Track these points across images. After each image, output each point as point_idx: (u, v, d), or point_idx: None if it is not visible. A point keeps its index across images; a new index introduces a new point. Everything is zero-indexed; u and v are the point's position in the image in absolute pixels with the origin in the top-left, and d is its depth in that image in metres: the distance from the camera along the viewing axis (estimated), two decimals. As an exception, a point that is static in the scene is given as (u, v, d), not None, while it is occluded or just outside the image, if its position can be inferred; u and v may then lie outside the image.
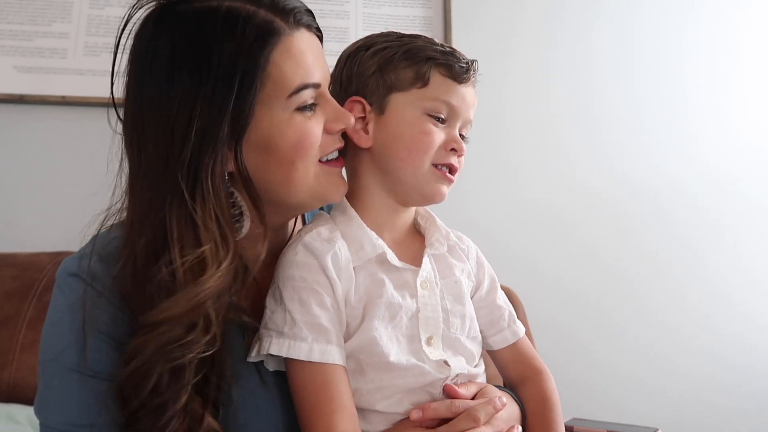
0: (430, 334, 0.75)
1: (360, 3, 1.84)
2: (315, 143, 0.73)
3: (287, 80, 0.70)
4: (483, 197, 1.79)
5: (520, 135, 1.85)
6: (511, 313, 0.87)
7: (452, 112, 0.78)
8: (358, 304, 0.74)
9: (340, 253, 0.74)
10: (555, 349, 1.58)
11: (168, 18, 0.70)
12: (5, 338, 1.30)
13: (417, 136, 0.77)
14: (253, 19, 0.68)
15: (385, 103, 0.78)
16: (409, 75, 0.77)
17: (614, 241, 1.85)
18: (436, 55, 0.78)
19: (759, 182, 1.95)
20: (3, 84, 1.65)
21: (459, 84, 0.78)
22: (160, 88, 0.68)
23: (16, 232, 1.57)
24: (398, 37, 0.82)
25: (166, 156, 0.67)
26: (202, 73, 0.66)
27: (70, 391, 0.68)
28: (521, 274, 1.61)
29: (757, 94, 1.99)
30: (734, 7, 2.00)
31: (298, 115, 0.71)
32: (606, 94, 1.91)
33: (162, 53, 0.68)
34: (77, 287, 0.70)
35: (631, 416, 1.35)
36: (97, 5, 1.72)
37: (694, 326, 1.85)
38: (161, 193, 0.67)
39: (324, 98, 0.74)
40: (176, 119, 0.66)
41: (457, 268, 0.82)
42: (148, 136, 0.68)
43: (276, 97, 0.70)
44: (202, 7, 0.69)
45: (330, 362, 0.70)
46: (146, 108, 0.69)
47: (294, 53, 0.70)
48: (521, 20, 1.90)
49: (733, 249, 1.91)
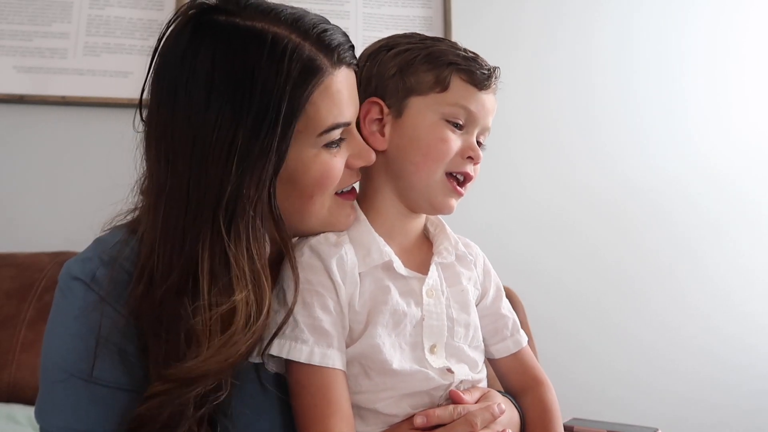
0: (434, 342, 0.75)
1: (360, 3, 1.84)
2: (336, 179, 0.73)
3: (321, 119, 0.69)
4: (483, 197, 1.78)
5: (521, 135, 1.85)
6: (515, 322, 0.87)
7: (471, 118, 0.77)
8: (362, 309, 0.73)
9: (346, 257, 0.74)
10: (555, 349, 1.58)
11: (209, 29, 0.67)
12: (5, 338, 1.30)
13: (433, 141, 0.76)
14: (300, 53, 0.67)
15: (403, 106, 0.77)
16: (430, 79, 0.76)
17: (614, 241, 1.85)
18: (458, 60, 0.77)
19: (759, 182, 1.95)
20: (3, 84, 1.64)
21: (479, 90, 0.77)
22: (197, 106, 0.65)
23: (16, 232, 1.57)
24: (421, 39, 0.80)
25: (199, 182, 0.65)
26: (244, 101, 0.65)
27: (72, 397, 0.67)
28: (521, 274, 1.61)
29: (757, 94, 1.99)
30: (734, 7, 2.00)
31: (324, 152, 0.71)
32: (606, 94, 1.91)
33: (200, 69, 0.66)
34: (80, 292, 0.69)
35: (631, 416, 1.35)
36: (97, 5, 1.72)
37: (694, 326, 1.85)
38: (196, 224, 0.65)
39: (351, 134, 0.74)
40: (215, 146, 0.65)
41: (464, 277, 0.82)
42: (179, 153, 0.66)
43: (308, 134, 0.69)
44: (246, 27, 0.67)
45: (330, 366, 0.69)
46: (179, 122, 0.66)
47: (332, 93, 0.69)
48: (521, 20, 1.90)
49: (733, 249, 1.91)
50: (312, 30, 0.69)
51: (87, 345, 0.66)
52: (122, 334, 0.68)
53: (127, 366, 0.67)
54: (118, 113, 1.61)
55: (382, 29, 1.83)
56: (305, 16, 0.70)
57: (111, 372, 0.67)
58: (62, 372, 0.68)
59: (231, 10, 0.69)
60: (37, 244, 1.49)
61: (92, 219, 0.74)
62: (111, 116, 1.61)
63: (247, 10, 0.69)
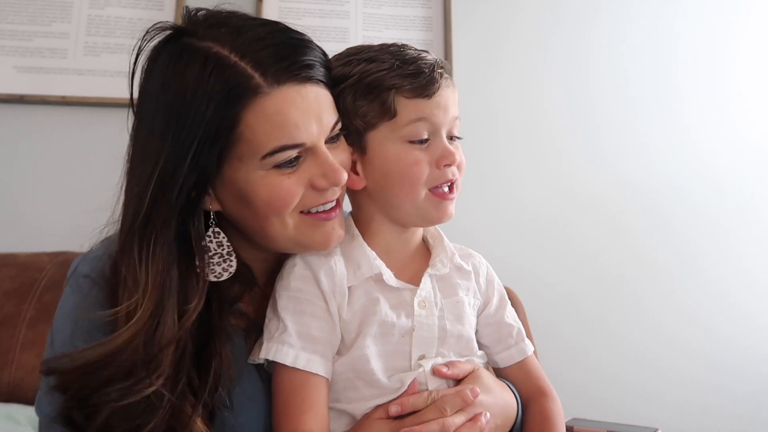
0: (423, 352, 0.75)
1: (360, 3, 1.84)
2: (290, 200, 0.70)
3: (261, 142, 0.67)
4: (480, 199, 1.78)
5: (521, 135, 1.85)
6: (520, 331, 0.86)
7: (433, 126, 0.75)
8: (352, 319, 0.74)
9: (335, 268, 0.75)
10: (553, 352, 1.57)
11: (171, 48, 0.69)
12: (5, 338, 1.30)
13: (405, 168, 0.74)
14: (227, 72, 0.65)
15: (363, 143, 0.75)
16: (375, 110, 0.74)
17: (612, 243, 1.84)
18: (395, 81, 0.73)
19: (757, 183, 1.94)
20: (3, 84, 1.65)
21: (430, 98, 0.74)
22: (142, 123, 0.69)
23: (16, 232, 1.58)
24: (358, 62, 0.76)
25: (129, 196, 0.69)
26: (172, 122, 0.66)
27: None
28: (519, 277, 1.60)
29: (755, 95, 1.98)
30: (732, 8, 2.00)
31: (274, 174, 0.69)
32: (603, 95, 1.90)
33: (152, 88, 0.69)
34: (89, 289, 0.72)
35: (630, 417, 1.35)
36: (97, 5, 1.72)
37: (691, 327, 1.84)
38: (123, 235, 0.69)
39: (314, 153, 0.70)
40: (144, 163, 0.68)
41: (462, 288, 0.82)
42: (132, 162, 0.70)
43: (251, 156, 0.68)
44: (194, 48, 0.67)
45: (313, 371, 0.71)
46: (136, 135, 0.70)
47: (269, 114, 0.66)
48: (522, 20, 1.90)
49: (733, 250, 1.90)
50: (250, 47, 0.67)
51: (92, 341, 0.67)
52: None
53: None
54: (118, 113, 1.59)
55: (382, 29, 1.83)
56: (249, 32, 0.68)
57: None
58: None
59: (192, 31, 0.69)
60: (37, 244, 1.49)
61: (92, 219, 0.75)
62: (111, 116, 1.61)
63: (209, 30, 0.69)
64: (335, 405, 0.73)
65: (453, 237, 0.89)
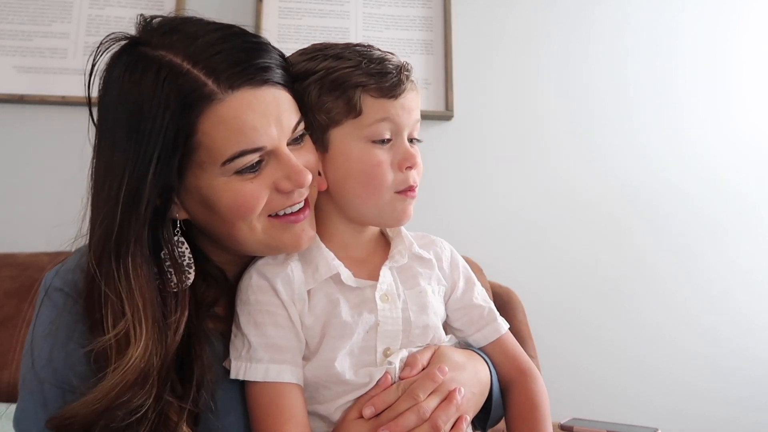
0: (387, 345, 0.75)
1: (360, 3, 1.84)
2: (255, 205, 0.69)
3: (219, 149, 0.66)
4: (478, 202, 1.78)
5: (520, 135, 1.85)
6: (492, 311, 0.86)
7: (396, 127, 0.75)
8: (314, 324, 0.74)
9: (292, 275, 0.74)
10: (550, 355, 1.57)
11: (126, 59, 0.68)
12: (5, 338, 1.30)
13: (368, 168, 0.74)
14: (180, 80, 0.64)
15: (326, 140, 0.75)
16: (341, 106, 0.73)
17: (610, 245, 1.84)
18: (362, 79, 0.73)
19: (756, 184, 1.94)
20: (3, 84, 1.65)
21: (396, 99, 0.74)
22: (106, 135, 0.69)
23: (16, 232, 1.57)
24: (324, 59, 0.75)
25: (101, 204, 0.67)
26: (132, 134, 0.65)
27: (52, 402, 0.68)
28: (516, 280, 1.60)
29: (754, 95, 1.97)
30: (731, 7, 2.00)
31: (236, 179, 0.68)
32: (601, 95, 1.90)
33: (110, 100, 0.68)
34: (62, 302, 0.71)
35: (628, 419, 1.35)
36: (97, 5, 1.72)
37: (689, 328, 1.84)
38: (97, 255, 0.68)
39: (276, 156, 0.69)
40: (110, 176, 0.67)
41: (423, 277, 0.81)
42: (96, 177, 0.69)
43: (212, 164, 0.67)
44: (147, 57, 0.66)
45: (285, 381, 0.71)
46: (99, 149, 0.70)
47: (225, 120, 0.65)
48: (521, 20, 1.90)
49: (731, 251, 1.90)
50: (203, 54, 0.66)
51: (67, 354, 0.68)
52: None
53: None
54: (118, 113, 1.61)
55: (382, 29, 1.83)
56: (202, 38, 0.67)
57: (89, 381, 0.67)
58: (42, 381, 0.69)
59: (146, 40, 0.69)
60: (37, 244, 1.49)
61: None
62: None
63: (162, 38, 0.68)
64: (308, 408, 0.73)
65: (451, 240, 0.89)
